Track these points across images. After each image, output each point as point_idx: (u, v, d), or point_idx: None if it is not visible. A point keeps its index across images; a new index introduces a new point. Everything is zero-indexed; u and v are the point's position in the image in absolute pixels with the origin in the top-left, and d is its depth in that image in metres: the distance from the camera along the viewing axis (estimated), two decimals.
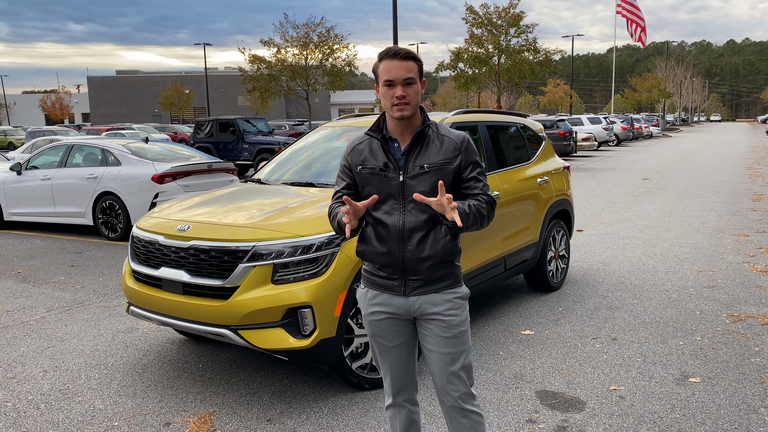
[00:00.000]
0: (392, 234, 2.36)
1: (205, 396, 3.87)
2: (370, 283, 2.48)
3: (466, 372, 2.44)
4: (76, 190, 9.48)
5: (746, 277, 6.38)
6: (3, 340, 4.95)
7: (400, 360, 2.51)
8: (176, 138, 31.55)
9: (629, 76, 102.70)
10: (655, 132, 46.38)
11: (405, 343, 2.49)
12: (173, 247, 3.83)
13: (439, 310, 2.38)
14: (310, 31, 27.73)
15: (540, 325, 5.01)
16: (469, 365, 2.44)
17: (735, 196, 12.56)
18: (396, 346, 2.48)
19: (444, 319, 2.38)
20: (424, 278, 2.38)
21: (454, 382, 2.41)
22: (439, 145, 2.38)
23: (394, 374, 2.53)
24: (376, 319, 2.46)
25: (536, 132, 6.17)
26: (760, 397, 3.69)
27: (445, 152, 2.37)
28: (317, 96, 63.06)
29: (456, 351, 2.40)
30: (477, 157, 2.43)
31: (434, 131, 2.42)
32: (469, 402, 2.45)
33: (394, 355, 2.50)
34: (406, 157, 2.38)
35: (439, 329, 2.39)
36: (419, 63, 2.35)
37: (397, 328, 2.46)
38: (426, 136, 2.40)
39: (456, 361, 2.40)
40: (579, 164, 21.68)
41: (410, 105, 2.32)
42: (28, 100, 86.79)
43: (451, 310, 2.39)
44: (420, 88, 2.36)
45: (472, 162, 2.41)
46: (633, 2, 47.38)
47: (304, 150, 5.30)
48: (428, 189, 2.34)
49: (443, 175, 2.35)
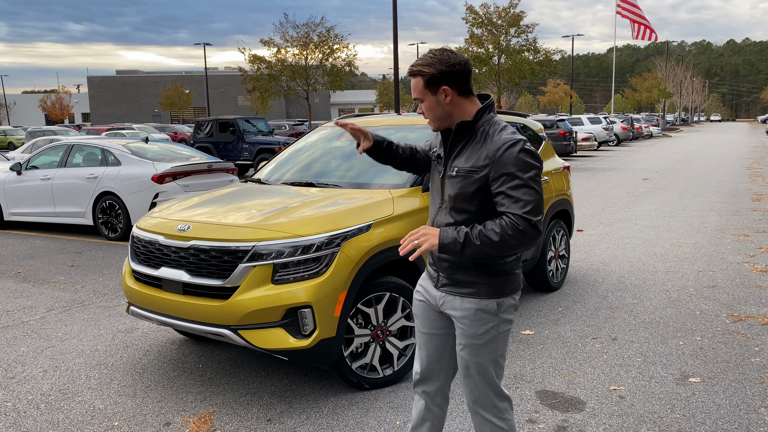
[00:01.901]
0: (430, 223, 2.43)
1: (205, 396, 3.87)
2: (426, 267, 2.57)
3: (487, 383, 2.35)
4: (76, 190, 9.48)
5: (746, 277, 6.38)
6: (3, 340, 4.95)
7: (429, 350, 2.49)
8: (176, 138, 31.56)
9: (629, 76, 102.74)
10: (655, 132, 46.38)
11: (437, 336, 2.47)
12: (173, 247, 3.83)
13: (457, 315, 2.33)
14: (310, 31, 27.76)
15: (540, 325, 5.02)
16: (488, 376, 2.34)
17: (735, 196, 12.57)
18: (428, 335, 2.48)
19: (460, 326, 2.33)
20: (447, 277, 2.35)
21: (471, 388, 2.37)
22: (479, 148, 2.24)
23: (421, 362, 2.53)
24: (416, 298, 2.52)
25: (536, 132, 6.17)
26: (760, 397, 3.69)
27: (477, 159, 2.22)
28: (317, 96, 63.08)
29: (470, 360, 2.33)
30: (515, 168, 2.13)
31: (486, 131, 2.26)
32: (492, 414, 2.37)
33: (425, 342, 2.50)
34: (448, 154, 2.35)
35: (459, 332, 2.35)
36: (425, 75, 2.24)
37: (430, 316, 2.47)
38: (473, 134, 2.28)
39: (470, 369, 2.34)
40: (579, 164, 21.69)
41: (431, 120, 2.32)
42: (28, 100, 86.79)
43: (467, 319, 2.30)
44: (434, 101, 2.27)
45: (505, 174, 2.14)
46: (632, 1, 47.35)
47: (304, 150, 5.30)
48: (453, 193, 2.28)
49: (466, 184, 2.23)
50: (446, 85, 2.24)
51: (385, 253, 3.78)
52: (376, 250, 3.72)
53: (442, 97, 2.25)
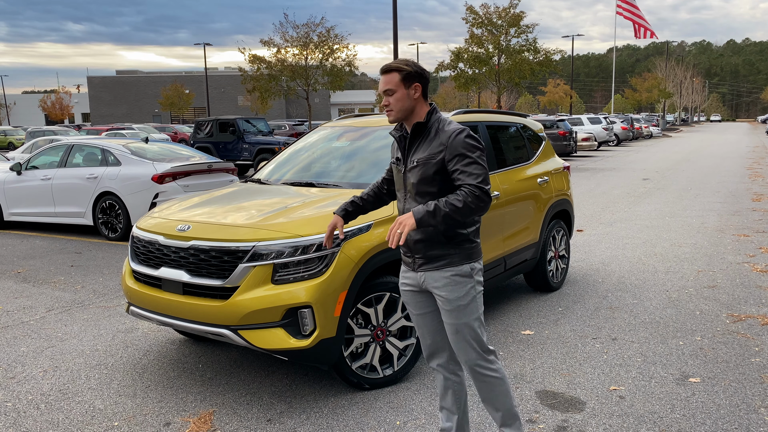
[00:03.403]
0: None
1: (205, 396, 3.87)
2: (402, 260, 2.87)
3: (475, 340, 2.70)
4: (76, 190, 9.48)
5: (746, 277, 6.38)
6: (3, 340, 4.95)
7: (426, 327, 2.86)
8: (176, 138, 31.55)
9: (629, 76, 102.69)
10: (655, 132, 46.37)
11: (429, 313, 2.84)
12: (173, 247, 3.83)
13: (438, 285, 2.69)
14: (310, 31, 27.74)
15: (540, 325, 5.01)
16: (475, 334, 2.69)
17: (735, 196, 12.57)
18: (420, 315, 2.86)
19: (442, 295, 2.69)
20: (423, 257, 2.70)
21: (462, 349, 2.72)
22: (433, 140, 2.65)
23: (424, 340, 2.90)
24: (404, 289, 2.87)
25: (536, 132, 6.17)
26: (760, 397, 3.69)
27: (433, 147, 2.63)
28: (317, 96, 63.07)
29: (458, 323, 2.68)
30: (464, 149, 2.56)
31: (437, 127, 2.67)
32: (483, 366, 2.73)
33: (420, 322, 2.87)
34: (407, 151, 2.74)
35: (441, 303, 2.71)
36: (402, 72, 2.64)
37: (417, 299, 2.84)
38: (426, 132, 2.69)
39: (459, 331, 2.69)
40: (579, 164, 21.68)
41: (393, 111, 2.68)
42: (28, 100, 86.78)
43: (448, 286, 2.67)
44: (406, 93, 2.65)
45: (457, 155, 2.56)
46: (631, 2, 47.37)
47: (304, 150, 5.30)
48: (415, 180, 2.67)
49: (427, 169, 2.62)
50: (418, 82, 2.67)
51: (385, 253, 3.78)
52: (376, 250, 3.72)
53: (412, 92, 2.66)
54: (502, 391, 2.77)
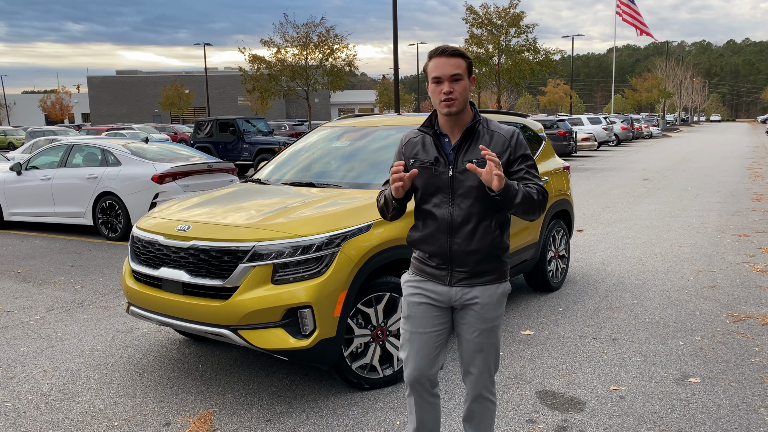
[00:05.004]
0: (441, 226, 2.47)
1: (205, 396, 3.87)
2: (419, 271, 2.58)
3: (494, 362, 2.58)
4: (76, 190, 9.48)
5: (746, 277, 6.38)
6: (3, 340, 4.95)
7: (428, 348, 2.55)
8: (176, 138, 31.54)
9: (629, 76, 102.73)
10: (655, 132, 46.37)
11: (437, 332, 2.55)
12: (173, 247, 3.83)
13: (483, 302, 2.49)
14: (310, 31, 27.76)
15: (540, 325, 5.01)
16: (497, 356, 2.58)
17: (735, 196, 12.57)
18: (427, 333, 2.54)
19: (481, 312, 2.49)
20: (469, 271, 2.48)
21: (479, 370, 2.56)
22: (488, 140, 2.45)
23: (419, 360, 2.55)
24: (416, 301, 2.55)
25: (536, 132, 6.17)
26: (760, 397, 3.69)
27: (494, 147, 2.44)
28: (317, 96, 63.07)
29: (486, 342, 2.52)
30: (527, 151, 2.47)
31: (484, 127, 2.49)
32: (489, 390, 2.61)
33: (423, 341, 2.54)
34: (455, 152, 2.45)
35: (474, 320, 2.50)
36: (468, 60, 2.42)
37: (433, 315, 2.54)
38: (476, 132, 2.47)
39: (484, 350, 2.53)
40: (579, 164, 21.69)
41: (457, 101, 2.39)
42: (28, 100, 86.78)
43: (492, 303, 2.50)
44: (468, 84, 2.43)
45: (520, 156, 2.45)
46: (630, 4, 47.38)
47: (304, 150, 5.30)
48: (476, 184, 2.40)
49: None
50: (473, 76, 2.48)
51: (385, 253, 3.78)
52: (376, 250, 3.72)
53: (470, 85, 2.45)
54: (493, 415, 2.68)
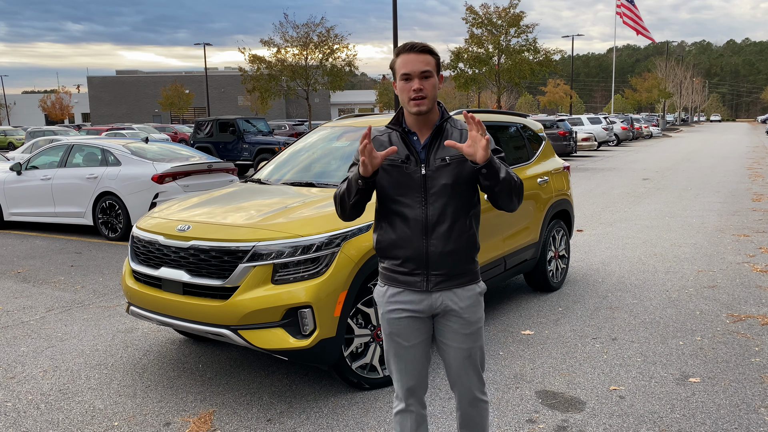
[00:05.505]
0: (415, 228, 2.34)
1: (205, 396, 3.87)
2: (390, 280, 2.43)
3: (481, 364, 2.52)
4: (76, 190, 9.48)
5: (746, 277, 6.38)
6: (3, 340, 4.95)
7: (415, 361, 2.45)
8: (176, 138, 31.54)
9: (629, 76, 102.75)
10: (655, 132, 46.36)
11: (421, 342, 2.45)
12: (173, 247, 3.83)
13: (464, 305, 2.39)
14: (310, 31, 27.72)
15: (540, 325, 5.01)
16: (483, 358, 2.52)
17: (735, 196, 12.56)
18: (412, 346, 2.43)
19: (464, 316, 2.40)
20: (446, 273, 2.37)
21: (470, 375, 2.47)
22: (458, 137, 2.36)
23: (408, 375, 2.47)
24: (396, 317, 2.42)
25: (536, 132, 6.17)
26: (760, 397, 3.69)
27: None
28: (317, 96, 63.05)
29: (473, 346, 2.45)
30: (496, 146, 2.40)
31: (452, 125, 2.41)
32: (481, 391, 2.54)
33: (411, 355, 2.44)
34: (427, 150, 2.36)
35: (459, 326, 2.40)
36: (436, 57, 2.33)
37: (415, 327, 2.42)
38: (445, 130, 2.38)
39: (472, 356, 2.46)
40: (579, 164, 21.68)
41: (427, 99, 2.29)
42: (28, 100, 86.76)
43: (473, 306, 2.42)
44: (437, 82, 2.33)
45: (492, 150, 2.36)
46: (630, 5, 47.38)
47: (304, 150, 5.30)
48: (450, 181, 2.32)
49: (465, 167, 2.32)
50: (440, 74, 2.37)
51: None
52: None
53: (438, 83, 2.35)
54: (487, 415, 2.59)
